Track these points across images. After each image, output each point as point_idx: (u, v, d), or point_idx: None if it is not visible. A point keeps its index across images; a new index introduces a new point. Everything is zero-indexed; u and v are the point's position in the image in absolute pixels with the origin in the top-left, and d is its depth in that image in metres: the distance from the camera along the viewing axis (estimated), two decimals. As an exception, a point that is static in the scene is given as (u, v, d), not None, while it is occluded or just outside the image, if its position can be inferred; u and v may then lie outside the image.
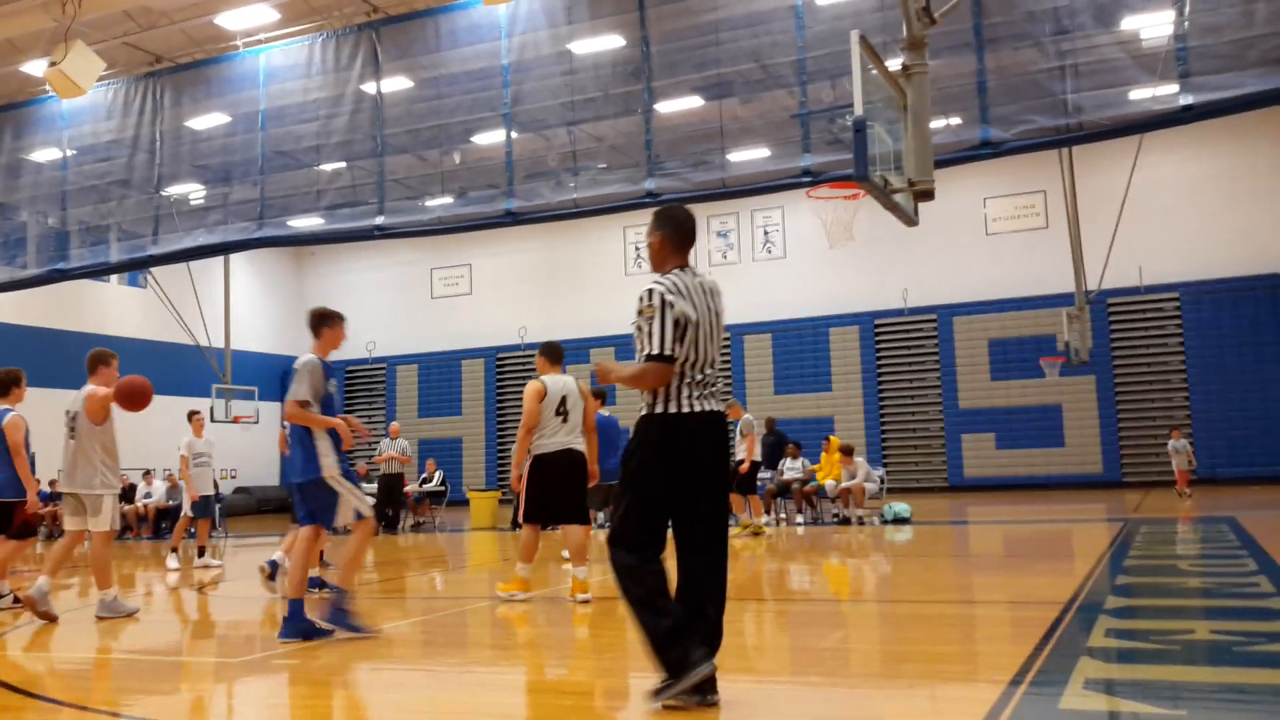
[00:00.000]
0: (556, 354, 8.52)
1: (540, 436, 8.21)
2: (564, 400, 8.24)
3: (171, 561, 12.90)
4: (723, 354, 27.48)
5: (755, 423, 15.48)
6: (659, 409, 4.58)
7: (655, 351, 4.50)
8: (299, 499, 6.96)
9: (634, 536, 4.55)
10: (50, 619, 8.04)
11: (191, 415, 13.13)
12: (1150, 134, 16.09)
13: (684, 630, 4.40)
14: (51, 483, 18.44)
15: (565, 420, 8.23)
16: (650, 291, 4.57)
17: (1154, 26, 12.41)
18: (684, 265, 4.75)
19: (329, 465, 6.78)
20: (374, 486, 19.13)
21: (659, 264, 4.79)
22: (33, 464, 9.13)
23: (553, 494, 8.24)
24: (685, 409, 4.55)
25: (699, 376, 4.59)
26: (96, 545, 8.29)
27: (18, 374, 9.29)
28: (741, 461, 14.86)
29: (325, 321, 7.08)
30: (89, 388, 8.28)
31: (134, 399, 8.00)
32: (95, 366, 8.36)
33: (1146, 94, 12.03)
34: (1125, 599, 7.45)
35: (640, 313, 4.55)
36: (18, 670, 6.48)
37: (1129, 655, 5.54)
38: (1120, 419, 24.12)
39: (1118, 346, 24.27)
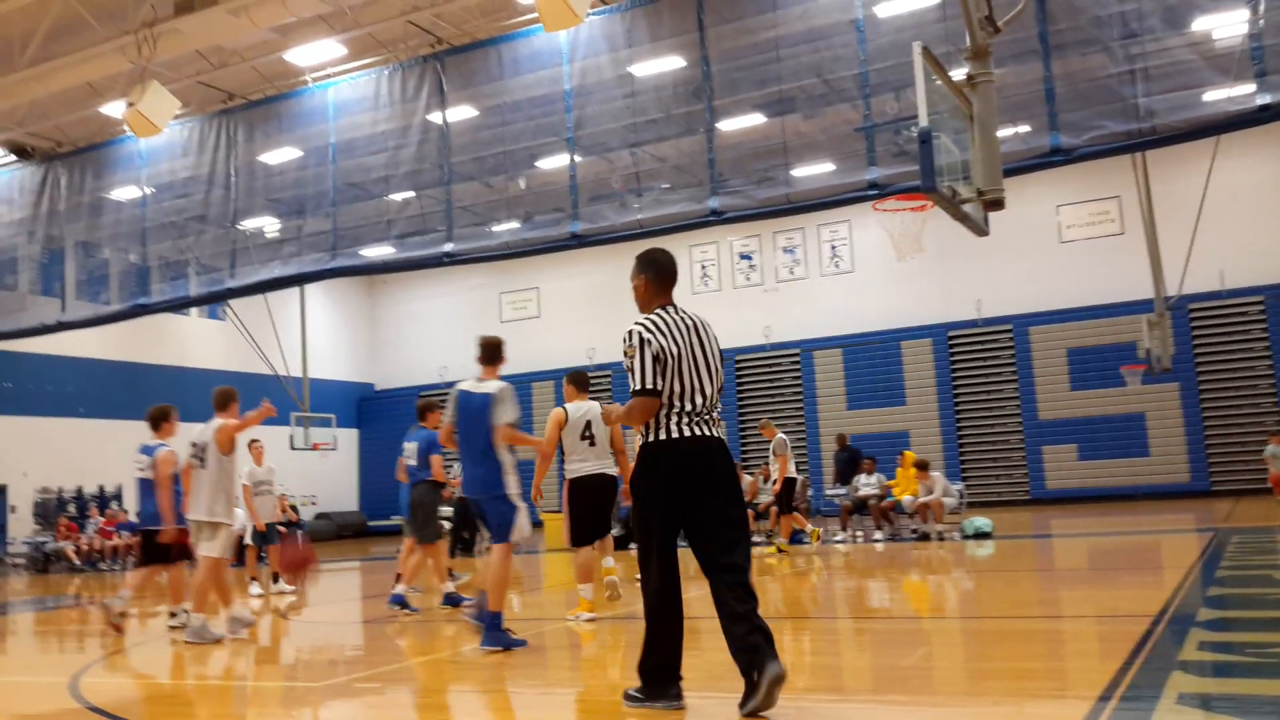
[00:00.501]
0: (582, 382, 8.88)
1: (570, 461, 8.59)
2: (588, 425, 8.53)
3: (253, 589, 13.13)
4: (792, 369, 27.21)
5: (788, 442, 15.47)
6: (650, 438, 4.87)
7: (638, 387, 4.80)
8: (485, 515, 7.35)
9: (648, 560, 4.83)
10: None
11: (251, 444, 13.41)
12: (1226, 135, 15.67)
13: (667, 670, 4.82)
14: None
15: (592, 444, 8.54)
16: (630, 333, 4.87)
17: (1226, 26, 12.09)
18: (667, 304, 5.03)
19: (513, 483, 7.18)
20: (450, 510, 19.25)
21: (645, 305, 5.08)
22: (179, 497, 9.47)
23: (592, 515, 8.62)
24: (674, 435, 4.79)
25: (689, 406, 4.82)
26: (202, 570, 8.53)
27: (168, 410, 9.79)
28: (776, 481, 15.09)
29: (502, 351, 7.62)
30: (218, 421, 8.70)
31: (294, 569, 9.43)
32: (226, 403, 8.86)
33: (1221, 95, 11.72)
34: (1218, 611, 7.23)
35: (625, 354, 4.85)
36: (112, 694, 6.63)
37: (1224, 669, 5.37)
38: (1206, 426, 23.45)
39: (1201, 352, 23.64)
